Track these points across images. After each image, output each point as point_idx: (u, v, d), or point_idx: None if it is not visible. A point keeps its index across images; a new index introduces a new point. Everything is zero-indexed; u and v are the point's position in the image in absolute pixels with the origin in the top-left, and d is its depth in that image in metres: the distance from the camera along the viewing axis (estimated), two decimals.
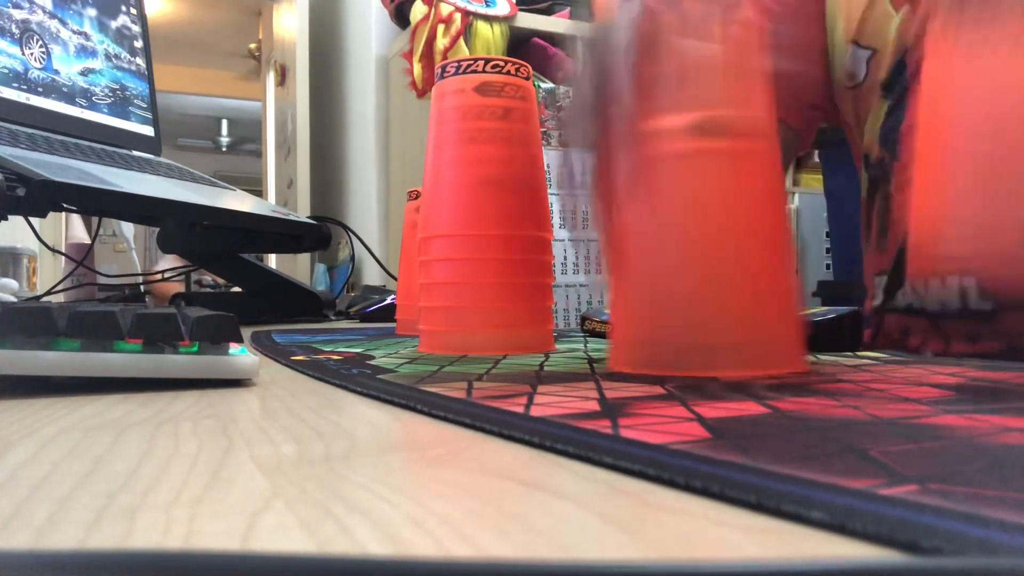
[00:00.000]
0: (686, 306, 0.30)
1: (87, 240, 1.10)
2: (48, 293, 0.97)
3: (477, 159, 0.44)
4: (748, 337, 0.30)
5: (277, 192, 3.23)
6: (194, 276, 1.39)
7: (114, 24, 0.96)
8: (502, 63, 0.45)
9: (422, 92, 1.78)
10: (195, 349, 0.31)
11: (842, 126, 0.68)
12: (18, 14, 0.81)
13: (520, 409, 0.23)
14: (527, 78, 0.46)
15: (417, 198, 0.70)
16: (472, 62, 0.44)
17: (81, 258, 1.01)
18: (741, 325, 0.30)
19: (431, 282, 0.45)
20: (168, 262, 1.98)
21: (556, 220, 0.87)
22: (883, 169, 0.60)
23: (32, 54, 0.83)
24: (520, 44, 1.62)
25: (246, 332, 0.65)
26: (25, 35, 0.82)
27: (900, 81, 0.59)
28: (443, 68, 0.45)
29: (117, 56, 0.96)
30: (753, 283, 0.30)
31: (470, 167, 0.44)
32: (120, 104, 0.95)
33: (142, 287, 1.16)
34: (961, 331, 0.50)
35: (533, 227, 0.45)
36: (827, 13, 0.66)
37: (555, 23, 2.04)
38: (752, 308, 0.30)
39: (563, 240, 0.90)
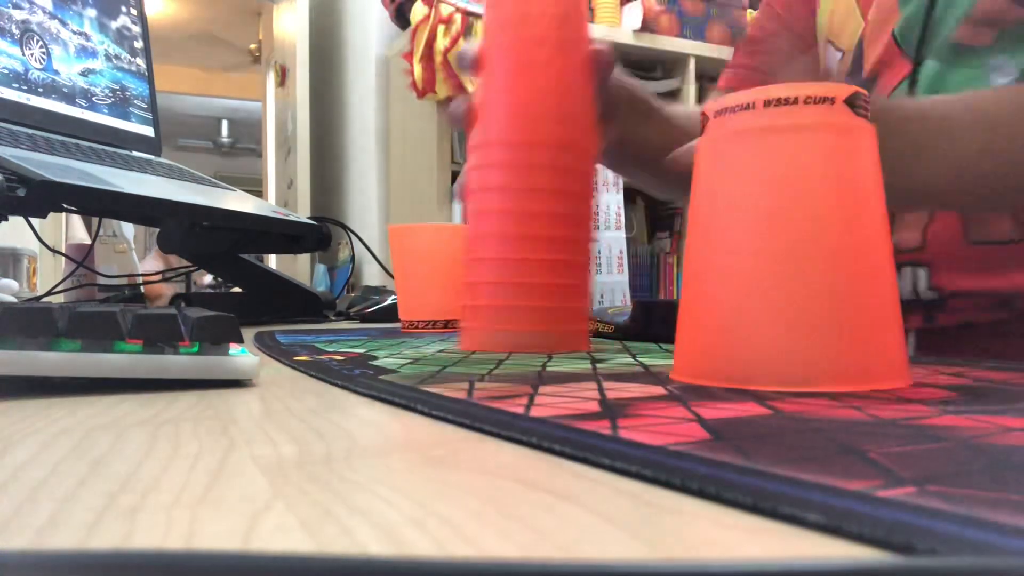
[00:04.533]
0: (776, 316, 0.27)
1: (87, 240, 1.10)
2: (48, 294, 0.97)
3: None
4: (846, 350, 0.26)
5: (277, 192, 3.23)
6: (182, 278, 1.39)
7: (114, 24, 0.96)
8: None
9: (422, 93, 1.78)
10: (195, 350, 0.31)
11: None
12: (18, 14, 0.81)
13: (520, 410, 0.23)
14: None
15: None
16: None
17: (81, 258, 1.01)
18: (837, 337, 0.26)
19: (478, 281, 0.45)
20: (150, 261, 1.98)
21: None
22: None
23: (32, 54, 0.83)
24: None
25: (248, 332, 0.65)
26: (25, 35, 0.82)
27: (859, 76, 0.59)
28: None
29: (117, 56, 0.96)
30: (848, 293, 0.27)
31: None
32: (120, 104, 0.95)
33: (142, 288, 1.16)
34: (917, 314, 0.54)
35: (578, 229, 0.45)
36: (819, 8, 0.66)
37: None
38: (849, 319, 0.26)
39: None
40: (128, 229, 1.16)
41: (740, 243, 0.28)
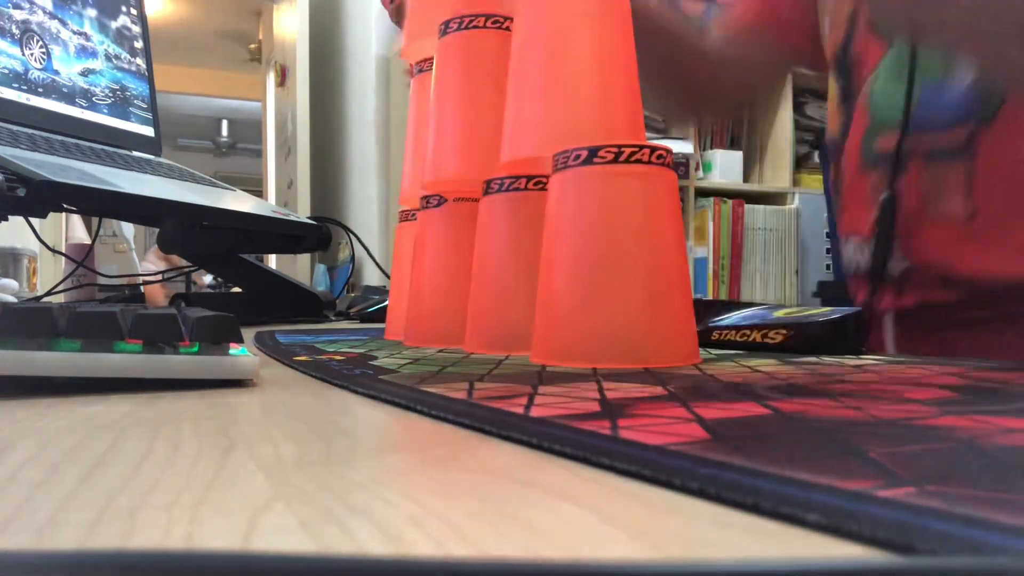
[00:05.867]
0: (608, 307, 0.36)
1: (87, 240, 1.10)
2: (48, 293, 0.97)
3: None
4: (655, 335, 0.35)
5: (277, 192, 3.23)
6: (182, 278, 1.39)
7: (114, 24, 0.96)
8: None
9: None
10: (195, 349, 0.31)
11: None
12: (18, 14, 0.81)
13: (520, 410, 0.23)
14: None
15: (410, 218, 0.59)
16: None
17: (81, 258, 1.01)
18: (646, 327, 0.35)
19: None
20: (150, 261, 1.97)
21: None
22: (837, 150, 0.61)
23: (32, 54, 0.83)
24: None
25: (248, 332, 0.65)
26: (25, 35, 0.82)
27: (845, 62, 0.58)
28: None
29: (117, 56, 0.96)
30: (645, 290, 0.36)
31: None
32: (120, 104, 0.95)
33: (142, 288, 1.16)
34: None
35: None
36: None
37: None
38: (645, 311, 0.35)
39: None
40: (128, 229, 1.16)
41: (572, 252, 0.36)
